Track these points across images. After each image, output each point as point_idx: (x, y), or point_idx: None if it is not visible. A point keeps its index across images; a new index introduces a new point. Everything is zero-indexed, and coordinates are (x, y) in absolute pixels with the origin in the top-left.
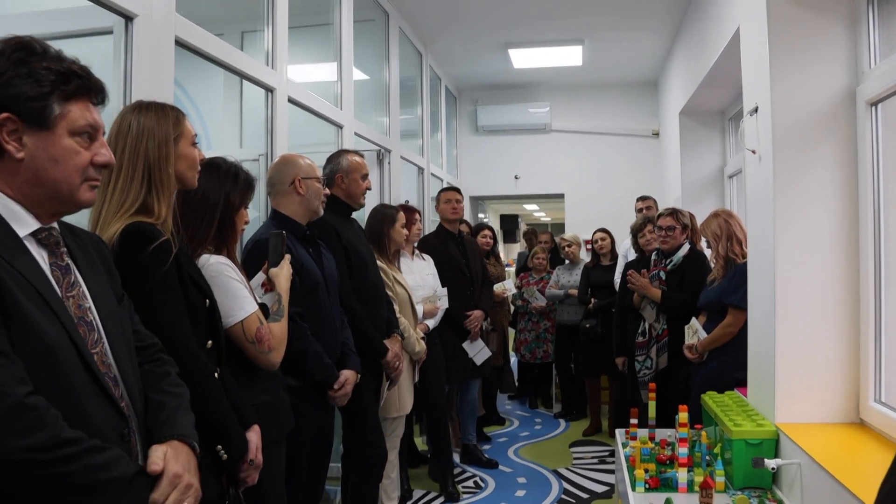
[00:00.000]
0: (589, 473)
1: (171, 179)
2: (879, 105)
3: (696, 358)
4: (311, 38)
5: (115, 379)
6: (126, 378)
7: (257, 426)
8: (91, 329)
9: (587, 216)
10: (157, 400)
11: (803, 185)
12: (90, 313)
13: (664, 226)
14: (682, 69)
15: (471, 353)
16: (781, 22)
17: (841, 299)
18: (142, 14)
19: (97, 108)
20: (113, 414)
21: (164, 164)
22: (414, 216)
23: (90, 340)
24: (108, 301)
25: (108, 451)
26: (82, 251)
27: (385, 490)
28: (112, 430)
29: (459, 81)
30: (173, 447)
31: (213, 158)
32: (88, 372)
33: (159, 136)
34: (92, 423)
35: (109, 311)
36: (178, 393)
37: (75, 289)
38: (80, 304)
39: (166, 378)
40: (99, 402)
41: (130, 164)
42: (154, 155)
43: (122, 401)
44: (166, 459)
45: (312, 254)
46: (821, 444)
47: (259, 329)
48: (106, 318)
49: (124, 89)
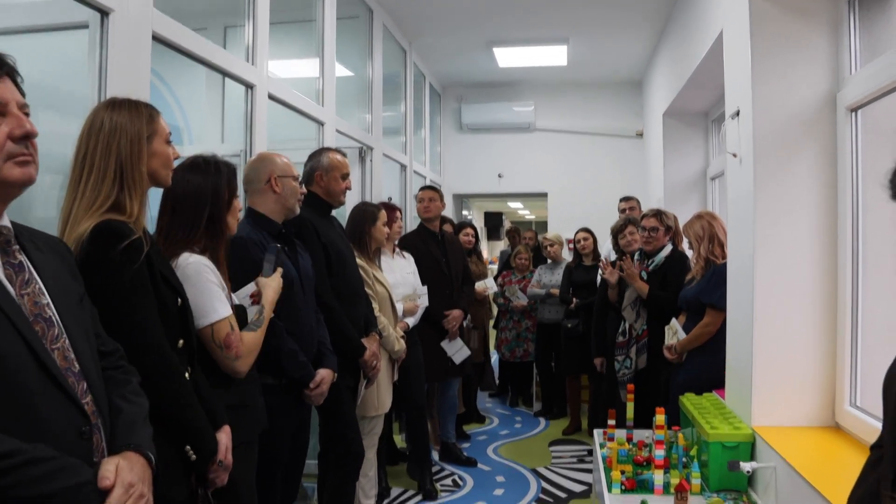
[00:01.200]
0: (567, 473)
1: (143, 177)
2: (859, 111)
3: (676, 358)
4: (294, 34)
5: (78, 374)
6: (89, 374)
7: (227, 427)
8: (50, 325)
9: (570, 216)
10: (117, 405)
11: (783, 189)
12: (48, 309)
13: (648, 227)
14: (667, 70)
15: (449, 353)
16: (764, 26)
17: (818, 303)
18: (118, 9)
19: (3, 81)
20: (72, 411)
21: (137, 161)
22: (395, 214)
23: (49, 337)
24: (68, 298)
25: (49, 462)
26: (39, 250)
27: (362, 488)
28: (69, 427)
29: (444, 78)
30: (127, 458)
31: (192, 158)
32: (43, 369)
33: (132, 134)
34: (43, 423)
35: (69, 307)
36: (138, 402)
37: (31, 286)
38: (36, 301)
39: (127, 385)
40: (54, 400)
41: (102, 161)
42: (126, 152)
43: (86, 396)
44: (118, 470)
45: (288, 252)
46: (796, 447)
47: (229, 335)
48: (66, 313)
49: (99, 85)
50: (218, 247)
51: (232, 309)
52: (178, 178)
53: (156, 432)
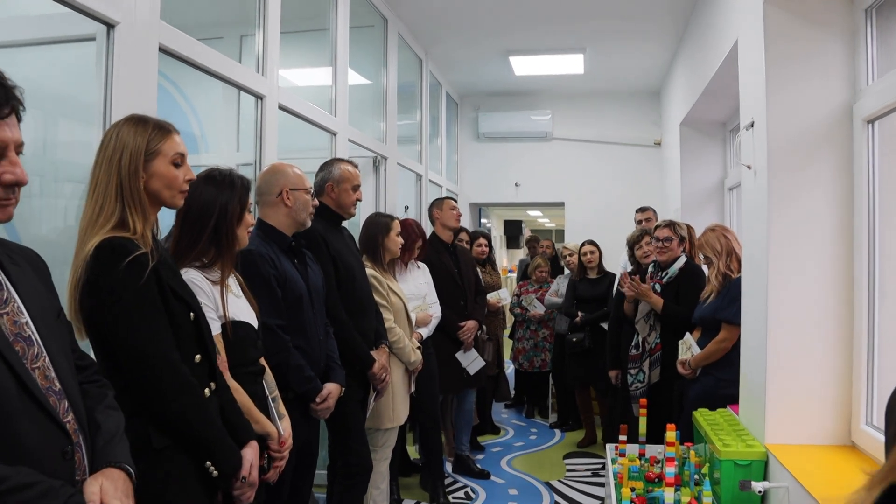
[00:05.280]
0: (581, 486)
1: (141, 195)
2: (876, 122)
3: (689, 374)
4: (308, 43)
5: (59, 393)
6: (70, 392)
7: (255, 443)
8: (30, 344)
9: (587, 225)
10: (95, 420)
11: (798, 201)
12: (27, 328)
13: (661, 237)
14: (684, 79)
15: (464, 364)
16: (779, 36)
17: (834, 319)
18: (123, 21)
19: (7, 120)
20: (54, 432)
21: (133, 180)
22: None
23: (29, 356)
24: (46, 315)
25: (31, 489)
26: (15, 265)
27: (374, 500)
28: (52, 449)
29: (461, 88)
30: (108, 476)
31: (209, 170)
32: (24, 391)
33: (131, 152)
34: (24, 447)
35: (48, 324)
36: (115, 417)
37: (9, 304)
38: (15, 321)
39: (104, 399)
40: (36, 422)
41: (105, 178)
42: (126, 171)
43: (68, 415)
44: (103, 491)
45: (297, 265)
46: (810, 467)
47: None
48: (45, 332)
49: (105, 96)
50: (227, 260)
51: (229, 326)
52: (192, 190)
53: (170, 448)
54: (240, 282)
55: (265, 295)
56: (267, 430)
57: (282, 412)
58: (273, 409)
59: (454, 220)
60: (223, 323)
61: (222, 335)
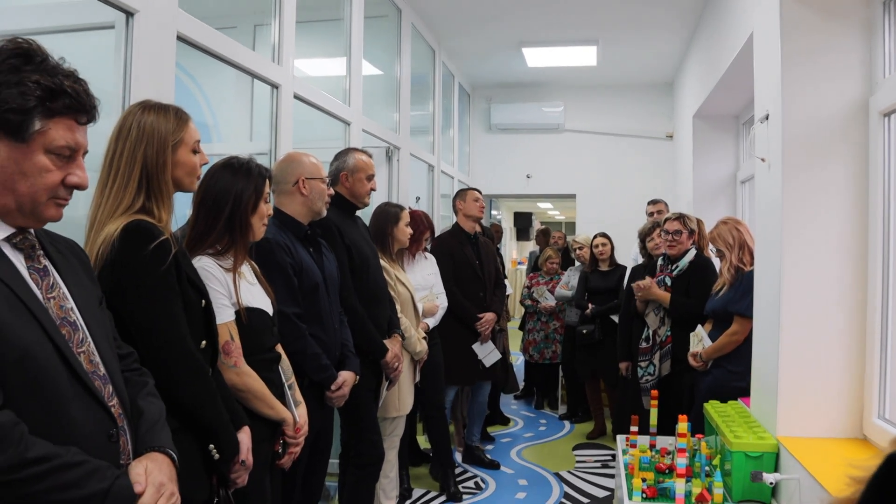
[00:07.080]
0: (591, 477)
1: (168, 186)
2: (893, 116)
3: (701, 366)
4: (323, 33)
5: (104, 378)
6: (114, 377)
7: (248, 427)
8: (75, 329)
9: (598, 217)
10: (138, 406)
11: (812, 195)
12: (73, 313)
13: (671, 230)
14: (697, 71)
15: (480, 356)
16: (794, 28)
17: (847, 312)
18: (142, 9)
19: (84, 127)
20: (100, 414)
21: (162, 171)
22: (426, 234)
23: (75, 340)
24: (89, 302)
25: (81, 467)
26: (60, 254)
27: (383, 489)
28: (98, 431)
29: (473, 79)
30: (153, 459)
31: (228, 159)
32: (72, 373)
33: (158, 143)
34: (74, 427)
35: (91, 311)
36: (156, 404)
37: (55, 290)
38: (61, 305)
39: (145, 387)
40: (84, 404)
41: (127, 168)
42: (152, 161)
43: (112, 399)
44: (148, 472)
45: (313, 254)
46: (821, 459)
47: (228, 342)
48: (89, 318)
49: (125, 83)
50: (241, 247)
51: (243, 313)
52: (209, 176)
53: (179, 431)
54: (254, 269)
55: (281, 283)
56: (283, 417)
57: (298, 399)
58: (289, 395)
59: (478, 210)
60: (237, 310)
61: (237, 322)
